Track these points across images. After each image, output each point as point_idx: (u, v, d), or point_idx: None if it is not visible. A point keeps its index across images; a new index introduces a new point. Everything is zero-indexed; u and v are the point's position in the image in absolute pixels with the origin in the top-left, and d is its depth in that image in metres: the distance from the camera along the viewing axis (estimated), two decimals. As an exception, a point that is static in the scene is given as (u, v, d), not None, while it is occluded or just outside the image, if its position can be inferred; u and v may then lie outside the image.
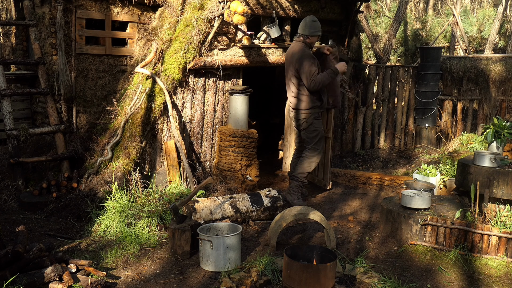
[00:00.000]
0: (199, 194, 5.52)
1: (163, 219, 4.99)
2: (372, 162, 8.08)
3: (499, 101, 8.78)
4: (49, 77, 6.41)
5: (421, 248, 4.64)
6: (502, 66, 8.52)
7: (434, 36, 14.53)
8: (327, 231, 4.59)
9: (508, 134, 5.44)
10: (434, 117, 8.70)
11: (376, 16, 16.50)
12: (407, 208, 4.91)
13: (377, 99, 8.84)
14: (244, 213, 5.20)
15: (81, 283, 3.62)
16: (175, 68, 6.03)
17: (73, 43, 6.39)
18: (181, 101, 6.28)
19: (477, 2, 20.16)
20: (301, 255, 3.62)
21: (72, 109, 6.53)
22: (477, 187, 4.79)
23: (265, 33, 6.74)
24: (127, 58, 6.78)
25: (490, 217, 4.59)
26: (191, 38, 6.02)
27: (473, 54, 12.07)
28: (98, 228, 4.88)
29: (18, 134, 5.99)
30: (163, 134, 6.17)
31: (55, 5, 6.15)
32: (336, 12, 7.50)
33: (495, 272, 4.22)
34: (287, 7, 6.82)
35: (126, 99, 6.14)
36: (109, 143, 5.89)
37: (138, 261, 4.29)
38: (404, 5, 10.96)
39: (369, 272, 3.85)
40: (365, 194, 6.67)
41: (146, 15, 6.77)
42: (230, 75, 6.63)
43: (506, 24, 15.47)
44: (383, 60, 10.82)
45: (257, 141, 6.27)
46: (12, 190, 5.72)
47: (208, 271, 4.10)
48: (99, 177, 5.64)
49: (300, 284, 3.31)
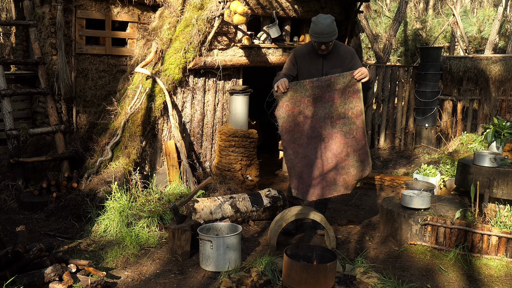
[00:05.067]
0: (199, 194, 5.52)
1: (163, 219, 4.99)
2: (372, 162, 8.08)
3: (499, 101, 8.79)
4: (49, 77, 6.41)
5: (421, 248, 4.64)
6: (502, 66, 8.52)
7: (434, 36, 14.54)
8: (327, 231, 4.59)
9: (508, 134, 5.44)
10: (434, 117, 8.70)
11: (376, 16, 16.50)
12: (407, 208, 4.91)
13: (377, 99, 8.85)
14: (244, 213, 5.20)
15: (81, 283, 3.62)
16: (175, 68, 6.03)
17: (73, 43, 6.39)
18: (181, 101, 6.29)
19: (477, 2, 20.16)
20: (301, 255, 3.62)
21: (72, 109, 6.53)
22: (477, 187, 4.79)
23: (265, 33, 6.74)
24: (127, 58, 6.79)
25: (490, 217, 4.59)
26: (191, 38, 6.03)
27: (473, 54, 12.08)
28: (98, 228, 4.88)
29: (18, 134, 5.99)
30: (163, 134, 6.18)
31: (55, 5, 6.15)
32: (336, 12, 7.50)
33: (495, 272, 4.23)
34: (287, 7, 6.83)
35: (126, 99, 6.14)
36: (109, 143, 5.89)
37: (138, 261, 4.29)
38: (404, 5, 10.96)
39: (369, 272, 3.85)
40: (365, 194, 6.67)
41: (146, 15, 6.78)
42: (230, 75, 6.63)
43: (506, 24, 15.47)
44: (383, 60, 10.83)
45: (257, 141, 6.27)
46: (12, 190, 5.72)
47: (208, 271, 4.10)
48: (99, 177, 5.64)
49: (300, 284, 3.31)
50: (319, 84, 4.53)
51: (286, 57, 6.96)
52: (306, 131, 4.46)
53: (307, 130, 4.46)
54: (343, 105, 4.49)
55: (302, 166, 4.39)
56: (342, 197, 6.45)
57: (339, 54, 4.73)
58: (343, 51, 4.76)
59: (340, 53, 4.73)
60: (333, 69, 4.70)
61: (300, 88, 4.52)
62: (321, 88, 4.53)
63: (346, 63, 4.71)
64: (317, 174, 4.39)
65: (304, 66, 4.76)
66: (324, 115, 4.48)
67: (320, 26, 4.49)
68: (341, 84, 4.51)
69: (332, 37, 4.54)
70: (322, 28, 4.48)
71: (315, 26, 4.52)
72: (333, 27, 4.53)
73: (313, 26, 4.54)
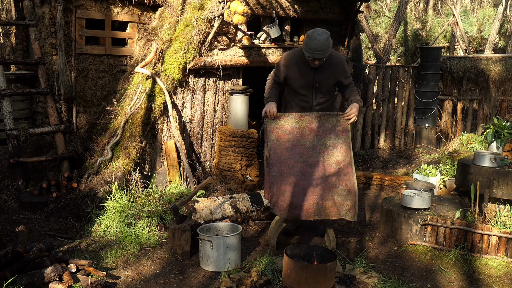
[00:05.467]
0: (199, 194, 5.52)
1: (163, 219, 4.99)
2: (372, 162, 8.08)
3: (499, 101, 8.79)
4: (49, 77, 6.41)
5: (421, 248, 4.64)
6: (502, 66, 8.52)
7: (434, 36, 14.54)
8: (327, 231, 4.59)
9: (508, 134, 5.44)
10: (434, 117, 8.70)
11: (376, 16, 16.51)
12: (407, 208, 4.91)
13: (377, 99, 8.85)
14: (244, 213, 5.20)
15: (81, 283, 3.62)
16: (175, 68, 6.03)
17: (73, 43, 6.39)
18: (181, 101, 6.29)
19: (477, 2, 20.16)
20: (301, 255, 3.62)
21: (72, 109, 6.53)
22: (477, 187, 4.79)
23: (265, 33, 6.74)
24: (127, 58, 6.79)
25: (490, 217, 4.59)
26: (191, 38, 6.03)
27: (473, 54, 12.08)
28: (98, 228, 4.88)
29: (18, 134, 5.99)
30: (163, 134, 6.18)
31: (55, 5, 6.15)
32: (336, 12, 7.50)
33: (495, 272, 4.23)
34: (287, 7, 6.82)
35: (126, 99, 6.14)
36: (109, 143, 5.89)
37: (138, 261, 4.29)
38: (404, 5, 10.96)
39: (369, 272, 3.85)
40: (365, 194, 6.67)
41: (146, 15, 6.78)
42: (230, 75, 6.63)
43: (506, 24, 15.47)
44: (383, 60, 10.82)
45: (257, 141, 6.27)
46: (12, 190, 5.73)
47: (208, 271, 4.10)
48: (99, 177, 5.64)
49: (300, 284, 3.31)
50: (309, 118, 4.55)
51: (286, 57, 6.96)
52: (293, 155, 4.49)
53: (295, 155, 4.49)
54: (332, 140, 4.53)
55: (285, 185, 4.37)
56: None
57: (331, 65, 4.59)
58: (335, 61, 4.61)
59: (332, 63, 4.59)
60: (324, 80, 4.62)
61: (290, 119, 4.55)
62: (310, 122, 4.55)
63: (337, 73, 4.64)
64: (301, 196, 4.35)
65: (294, 76, 4.64)
66: (313, 146, 4.52)
67: (316, 43, 4.34)
68: (330, 123, 4.55)
69: (327, 53, 4.42)
70: (317, 45, 4.34)
71: (311, 42, 4.36)
72: (328, 43, 4.40)
73: (308, 41, 4.38)
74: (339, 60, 4.67)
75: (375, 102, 8.96)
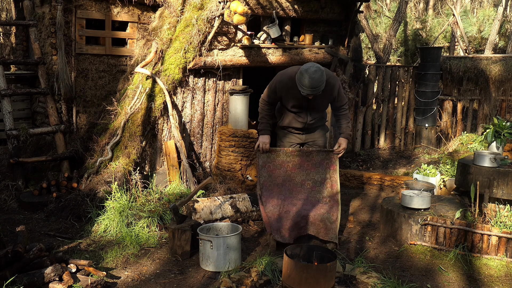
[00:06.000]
0: (199, 194, 5.52)
1: (163, 219, 4.99)
2: (372, 162, 8.09)
3: (499, 101, 8.79)
4: (49, 77, 6.41)
5: (421, 248, 4.64)
6: (502, 66, 8.52)
7: (434, 36, 14.53)
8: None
9: (508, 134, 5.44)
10: (434, 117, 8.70)
11: (376, 16, 16.50)
12: (407, 208, 4.91)
13: (377, 99, 8.85)
14: (244, 213, 5.20)
15: (81, 283, 3.62)
16: (175, 68, 6.03)
17: (73, 43, 6.39)
18: (181, 101, 6.29)
19: (477, 2, 20.16)
20: (301, 255, 3.63)
21: (72, 109, 6.53)
22: (477, 187, 4.79)
23: (265, 33, 6.74)
24: (127, 58, 6.79)
25: (490, 217, 4.59)
26: (191, 38, 6.03)
27: (473, 54, 12.07)
28: (98, 228, 4.88)
29: (18, 134, 5.99)
30: (163, 134, 6.18)
31: (55, 5, 6.15)
32: (336, 12, 7.50)
33: (495, 272, 4.23)
34: (287, 7, 6.82)
35: (126, 99, 6.14)
36: (109, 143, 5.89)
37: (138, 261, 4.29)
38: (404, 5, 10.95)
39: (369, 272, 3.85)
40: (365, 194, 6.67)
41: (146, 15, 6.78)
42: (230, 75, 6.63)
43: (506, 24, 15.47)
44: (383, 60, 10.81)
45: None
46: (12, 190, 5.72)
47: (208, 271, 4.10)
48: (99, 177, 5.64)
49: (300, 284, 3.31)
50: (300, 154, 4.85)
51: (286, 57, 6.96)
52: (284, 191, 4.79)
53: (285, 191, 4.80)
54: (320, 175, 4.83)
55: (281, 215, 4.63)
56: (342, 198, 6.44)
57: (325, 90, 4.50)
58: (328, 86, 4.53)
59: (326, 88, 4.50)
60: (319, 104, 4.71)
61: (282, 154, 4.85)
62: (301, 157, 4.85)
63: (332, 96, 4.70)
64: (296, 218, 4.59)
65: (287, 100, 4.68)
66: (301, 181, 4.83)
67: (310, 81, 4.26)
68: (320, 157, 4.86)
69: (320, 89, 4.37)
70: (311, 83, 4.27)
71: (304, 80, 4.27)
72: (322, 80, 4.32)
73: (302, 78, 4.29)
74: (333, 84, 4.65)
75: (375, 102, 8.96)
